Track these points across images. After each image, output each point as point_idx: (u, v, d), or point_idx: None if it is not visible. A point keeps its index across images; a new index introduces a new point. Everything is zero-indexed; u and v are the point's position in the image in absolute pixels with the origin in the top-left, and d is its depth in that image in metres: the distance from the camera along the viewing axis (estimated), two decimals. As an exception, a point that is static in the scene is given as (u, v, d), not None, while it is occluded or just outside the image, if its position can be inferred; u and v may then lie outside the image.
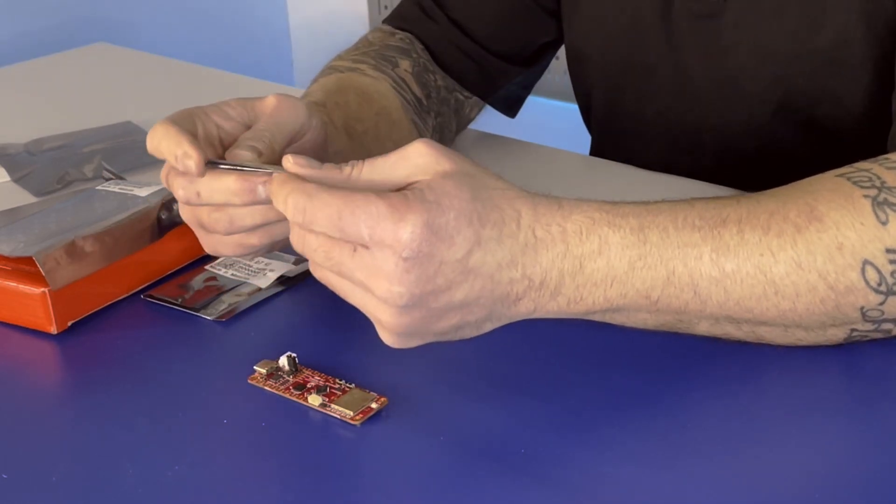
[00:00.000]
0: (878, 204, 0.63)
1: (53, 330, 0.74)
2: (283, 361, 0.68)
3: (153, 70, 1.42)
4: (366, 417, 0.64)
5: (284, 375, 0.68)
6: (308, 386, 0.67)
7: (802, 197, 0.64)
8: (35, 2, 2.04)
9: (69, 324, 0.75)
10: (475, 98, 1.04)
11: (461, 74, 1.02)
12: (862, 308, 0.64)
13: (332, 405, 0.65)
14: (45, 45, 1.69)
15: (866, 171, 0.66)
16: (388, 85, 0.94)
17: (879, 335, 0.66)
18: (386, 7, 2.49)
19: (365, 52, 0.98)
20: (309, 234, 0.61)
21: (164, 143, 0.68)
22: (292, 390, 0.67)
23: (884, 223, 0.63)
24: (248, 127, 0.73)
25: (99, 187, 0.86)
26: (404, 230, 0.58)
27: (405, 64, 0.97)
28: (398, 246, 0.58)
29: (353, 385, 0.66)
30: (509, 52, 1.04)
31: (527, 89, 1.10)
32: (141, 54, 1.49)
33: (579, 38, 1.04)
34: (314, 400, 0.66)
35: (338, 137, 0.81)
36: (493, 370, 0.68)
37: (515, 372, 0.68)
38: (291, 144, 0.73)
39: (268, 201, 0.67)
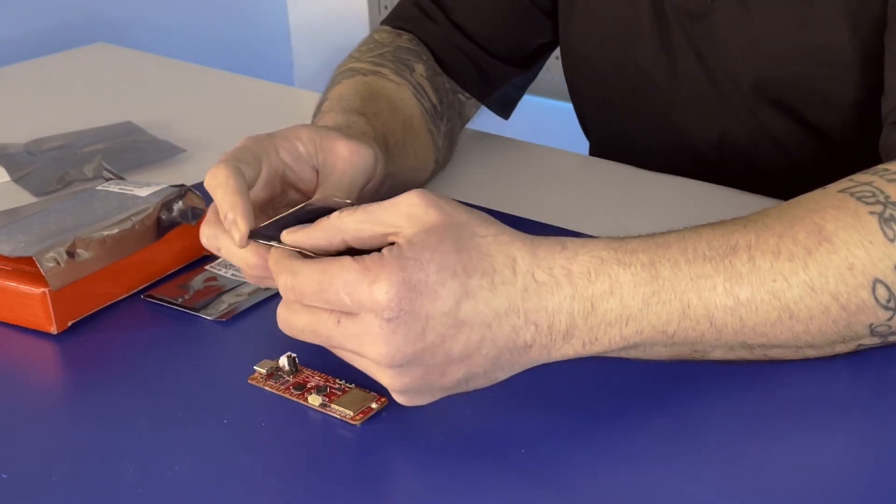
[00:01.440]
0: (884, 220, 0.63)
1: (53, 330, 0.74)
2: (283, 361, 0.68)
3: (153, 70, 1.42)
4: (366, 417, 0.64)
5: (284, 375, 0.68)
6: (308, 386, 0.67)
7: (809, 216, 0.64)
8: (35, 2, 2.04)
9: (69, 324, 0.75)
10: (474, 99, 1.04)
11: (460, 75, 1.02)
12: (871, 325, 0.64)
13: (332, 405, 0.65)
14: (45, 45, 1.68)
15: (868, 184, 0.65)
16: (410, 93, 0.93)
17: (883, 346, 0.67)
18: (386, 7, 2.49)
19: (381, 53, 0.97)
20: (292, 316, 0.61)
21: (220, 192, 0.67)
22: (292, 390, 0.67)
23: (892, 240, 0.63)
24: (315, 170, 0.73)
25: (99, 187, 0.86)
26: (380, 291, 0.57)
27: (420, 68, 0.97)
28: (378, 308, 0.57)
29: (353, 385, 0.67)
30: (507, 53, 1.04)
31: (521, 91, 1.11)
32: (141, 54, 1.49)
33: (575, 39, 1.04)
34: (314, 400, 0.66)
35: (378, 150, 0.80)
36: (492, 370, 0.68)
37: (515, 372, 0.68)
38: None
39: None
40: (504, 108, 1.10)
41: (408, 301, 0.57)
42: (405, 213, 0.60)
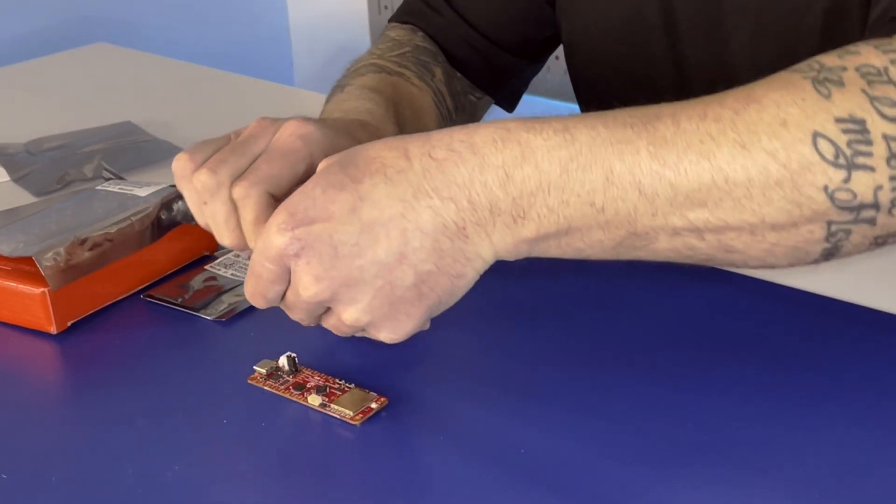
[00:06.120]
0: (818, 82, 0.59)
1: (53, 330, 0.74)
2: (283, 361, 0.68)
3: (153, 70, 1.42)
4: (366, 417, 0.64)
5: (284, 375, 0.68)
6: (308, 386, 0.67)
7: (740, 88, 0.60)
8: (35, 2, 2.04)
9: (69, 324, 0.75)
10: (485, 100, 1.04)
11: (470, 69, 1.02)
12: (826, 188, 0.58)
13: (332, 405, 0.65)
14: (45, 45, 1.69)
15: (806, 62, 0.61)
16: (430, 100, 0.93)
17: (866, 229, 0.59)
18: (386, 7, 2.49)
19: (402, 53, 0.96)
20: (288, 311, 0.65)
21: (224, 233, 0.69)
22: (292, 390, 0.67)
23: (826, 97, 0.58)
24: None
25: (99, 187, 0.86)
26: (271, 235, 0.58)
27: (439, 73, 0.97)
28: (281, 253, 0.59)
29: (353, 385, 0.66)
30: (516, 44, 1.04)
31: (526, 83, 1.10)
32: (141, 54, 1.49)
33: (577, 27, 1.04)
34: (314, 400, 0.66)
35: None
36: (493, 370, 0.68)
37: (515, 372, 0.68)
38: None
39: None
40: (510, 102, 1.10)
41: (302, 230, 0.58)
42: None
